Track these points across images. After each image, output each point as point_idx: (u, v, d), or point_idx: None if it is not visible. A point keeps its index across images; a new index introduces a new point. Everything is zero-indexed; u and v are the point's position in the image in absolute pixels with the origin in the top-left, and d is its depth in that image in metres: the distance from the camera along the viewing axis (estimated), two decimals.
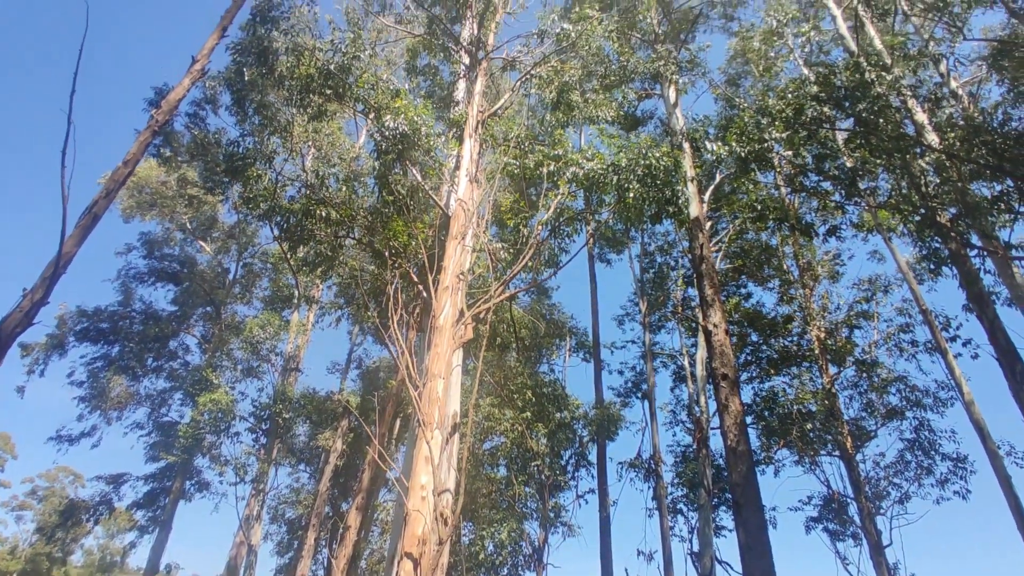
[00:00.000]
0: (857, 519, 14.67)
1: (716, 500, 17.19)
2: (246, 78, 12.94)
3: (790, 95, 12.04)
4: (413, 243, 10.27)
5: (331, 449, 11.87)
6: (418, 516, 5.42)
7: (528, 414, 13.46)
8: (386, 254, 9.99)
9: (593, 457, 17.62)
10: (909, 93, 12.84)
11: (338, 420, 14.14)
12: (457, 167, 10.54)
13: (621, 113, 15.84)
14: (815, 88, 11.95)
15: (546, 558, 14.21)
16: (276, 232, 12.84)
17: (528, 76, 12.79)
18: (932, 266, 19.33)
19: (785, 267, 18.99)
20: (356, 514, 12.44)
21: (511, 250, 10.33)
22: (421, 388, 6.46)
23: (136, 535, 20.28)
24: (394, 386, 13.34)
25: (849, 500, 15.20)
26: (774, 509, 16.67)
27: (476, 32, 13.40)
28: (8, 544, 73.21)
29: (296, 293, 22.39)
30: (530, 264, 10.06)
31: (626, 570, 14.32)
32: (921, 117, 12.78)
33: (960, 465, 15.61)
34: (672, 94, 16.47)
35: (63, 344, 20.92)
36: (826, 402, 15.47)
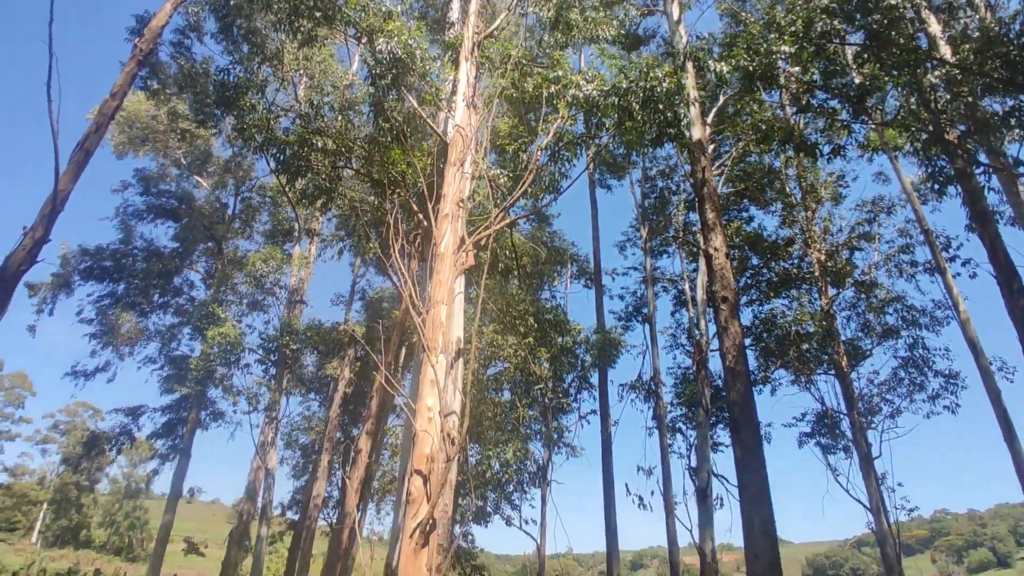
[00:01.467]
0: (849, 433, 15.24)
1: (714, 419, 17.79)
2: (232, 1, 12.38)
3: (799, 7, 11.53)
4: (411, 171, 10.17)
5: (339, 377, 12.21)
6: (425, 436, 5.65)
7: (531, 339, 13.72)
8: (385, 183, 9.91)
9: (595, 380, 18.14)
10: (924, 3, 12.29)
11: (344, 350, 14.46)
12: (454, 92, 10.26)
13: (622, 32, 15.24)
14: (825, 0, 11.43)
15: (550, 475, 14.94)
16: (272, 165, 12.66)
17: None
18: (937, 185, 19.10)
19: (788, 190, 18.83)
20: (366, 438, 12.93)
21: (510, 176, 10.23)
22: (424, 314, 6.58)
23: (158, 463, 21.23)
24: (398, 316, 13.55)
25: (842, 416, 15.74)
26: (769, 425, 17.29)
27: None
28: (36, 475, 76.52)
29: (296, 226, 22.32)
30: (530, 190, 9.98)
31: (627, 485, 14.99)
32: (935, 29, 12.29)
33: (952, 381, 16.08)
34: (675, 9, 15.75)
35: (69, 283, 21.09)
36: (824, 323, 15.71)
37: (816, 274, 16.72)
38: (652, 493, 15.85)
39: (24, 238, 10.31)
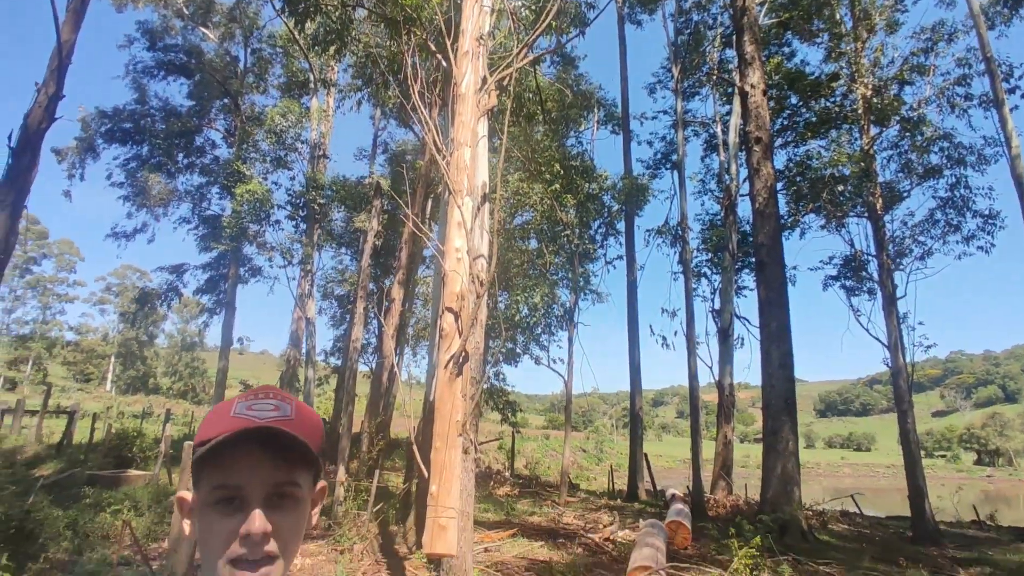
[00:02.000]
0: (875, 275, 15.25)
1: (739, 264, 17.92)
2: None
3: None
4: (427, 7, 9.47)
5: (368, 229, 12.38)
6: (455, 275, 5.82)
7: (557, 187, 13.53)
8: (399, 21, 9.28)
9: (621, 227, 18.15)
10: None
11: (371, 202, 14.55)
12: None
13: None
14: None
15: (576, 318, 15.53)
16: (278, 5, 11.88)
17: None
18: (1007, 8, 17.17)
19: (838, 17, 17.18)
20: (398, 288, 13.42)
21: (533, 9, 9.48)
22: (448, 157, 6.47)
23: (206, 317, 22.67)
24: (422, 167, 13.39)
25: (870, 258, 15.66)
26: (795, 268, 17.39)
27: None
28: (99, 333, 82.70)
29: (311, 77, 21.47)
30: (554, 24, 9.26)
31: (651, 326, 15.58)
32: None
33: (990, 221, 15.67)
34: None
35: (93, 146, 21.14)
36: (862, 164, 15.07)
37: (860, 111, 15.73)
38: (675, 334, 16.49)
39: (38, 95, 10.16)
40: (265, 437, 0.75)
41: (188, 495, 0.81)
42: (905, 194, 16.60)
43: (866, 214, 15.54)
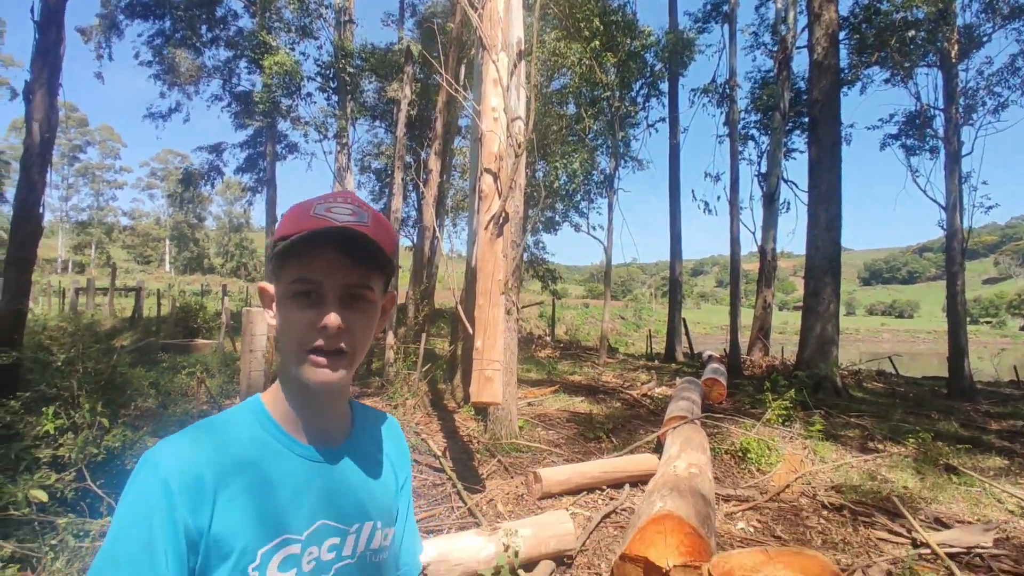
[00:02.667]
0: (941, 131, 14.23)
1: (790, 124, 16.94)
2: None
3: None
4: None
5: (401, 98, 12.03)
6: (492, 136, 5.69)
7: (596, 44, 12.66)
8: None
9: (664, 88, 17.15)
10: None
11: (402, 70, 14.00)
12: None
13: None
14: None
15: (616, 184, 15.20)
16: None
17: None
18: None
19: None
20: (435, 159, 13.24)
21: None
22: (481, 10, 6.08)
23: (249, 196, 23.10)
24: (453, 28, 12.65)
25: (937, 112, 14.53)
26: (851, 127, 16.36)
27: None
28: (151, 217, 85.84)
29: None
30: None
31: (692, 191, 15.29)
32: None
33: None
34: None
35: (116, 23, 20.59)
36: (939, 5, 13.51)
37: None
38: (718, 199, 16.12)
39: None
40: (344, 238, 0.79)
41: (269, 286, 0.86)
42: (985, 39, 14.98)
43: (937, 64, 14.21)
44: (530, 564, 3.71)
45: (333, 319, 0.79)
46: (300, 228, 0.79)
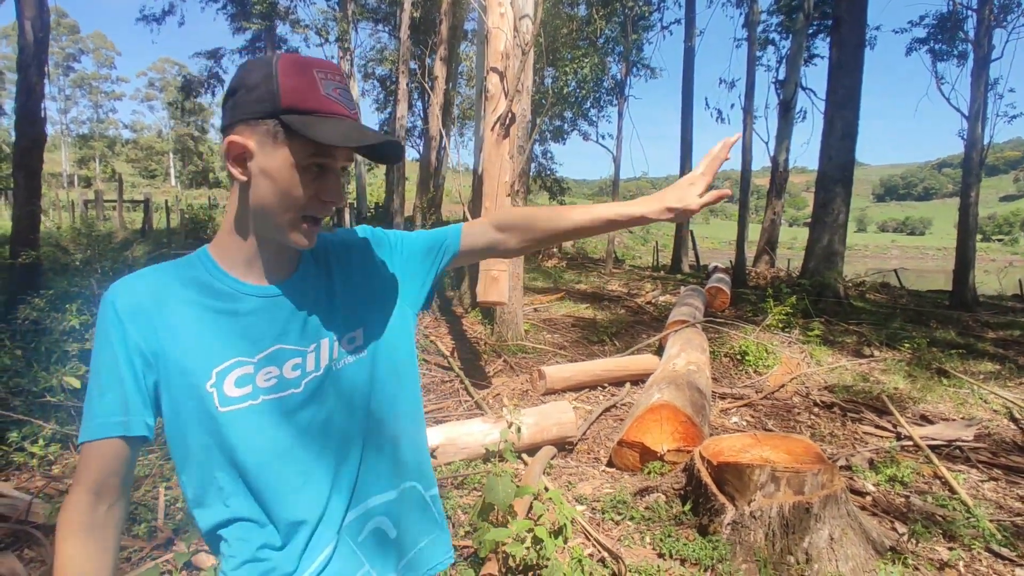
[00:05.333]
0: (972, 33, 13.50)
1: (813, 27, 16.10)
2: None
3: None
4: None
5: None
6: (498, 33, 5.50)
7: None
8: None
9: None
10: None
11: None
12: None
13: None
14: None
15: (627, 91, 14.69)
16: None
17: None
18: None
19: None
20: (441, 65, 12.78)
21: None
22: None
23: None
24: None
25: (970, 13, 13.73)
26: (877, 29, 15.55)
27: None
28: (153, 130, 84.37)
29: None
30: None
31: (706, 99, 14.70)
32: None
33: None
34: None
35: None
36: None
37: None
38: (732, 107, 15.64)
39: None
40: (358, 138, 0.82)
41: (246, 141, 0.82)
42: None
43: None
44: (533, 449, 3.97)
45: (336, 196, 0.87)
46: (316, 108, 0.81)
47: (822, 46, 16.94)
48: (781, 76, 15.96)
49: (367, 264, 1.03)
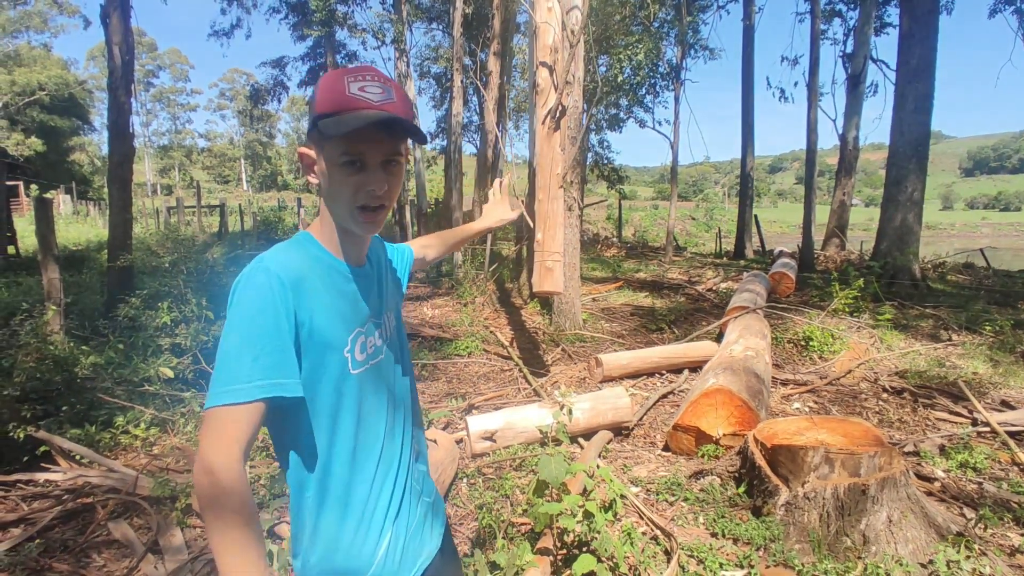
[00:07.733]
0: None
1: None
2: None
3: None
4: None
5: None
6: (546, 27, 5.57)
7: None
8: None
9: None
10: None
11: None
12: None
13: None
14: None
15: (684, 75, 14.35)
16: None
17: None
18: None
19: None
20: (494, 60, 12.94)
21: None
22: None
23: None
24: None
25: None
26: None
27: None
28: (225, 138, 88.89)
29: None
30: None
31: (767, 78, 14.21)
32: None
33: None
34: None
35: None
36: None
37: None
38: (795, 85, 14.96)
39: None
40: (383, 124, 0.95)
41: (309, 151, 1.02)
42: None
43: None
44: (590, 434, 4.07)
45: (379, 186, 1.00)
46: (340, 107, 0.95)
47: (894, 14, 15.99)
48: (849, 49, 15.20)
49: (389, 264, 1.29)
